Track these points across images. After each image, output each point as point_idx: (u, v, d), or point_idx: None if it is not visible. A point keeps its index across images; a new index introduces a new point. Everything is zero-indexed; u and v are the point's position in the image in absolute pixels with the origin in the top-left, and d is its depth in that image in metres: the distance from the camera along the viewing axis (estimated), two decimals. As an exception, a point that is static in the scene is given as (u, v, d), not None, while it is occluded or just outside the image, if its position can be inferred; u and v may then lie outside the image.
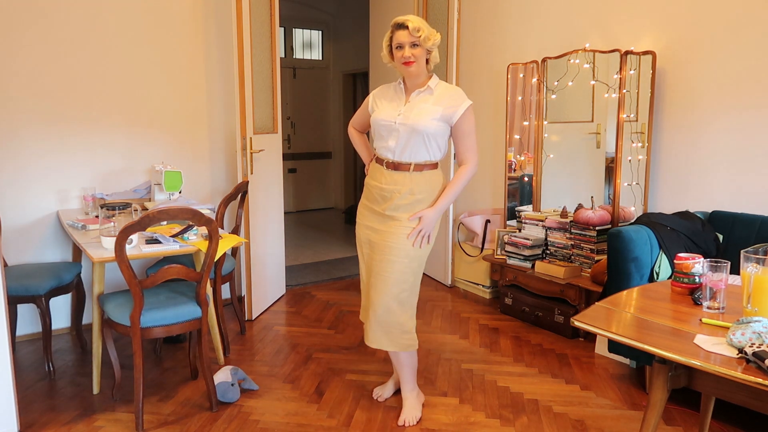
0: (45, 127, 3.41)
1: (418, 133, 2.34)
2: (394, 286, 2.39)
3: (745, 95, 2.94)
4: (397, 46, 2.33)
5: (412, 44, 2.29)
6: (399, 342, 2.44)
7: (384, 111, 2.42)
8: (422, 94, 2.38)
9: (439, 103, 2.35)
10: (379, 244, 2.43)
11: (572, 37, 3.74)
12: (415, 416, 2.53)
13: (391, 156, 2.40)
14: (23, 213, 3.40)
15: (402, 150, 2.37)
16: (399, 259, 2.38)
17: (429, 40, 2.31)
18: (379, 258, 2.42)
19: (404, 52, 2.30)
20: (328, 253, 5.69)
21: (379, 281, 2.40)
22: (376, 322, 2.41)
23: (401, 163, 2.39)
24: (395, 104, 2.42)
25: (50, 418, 2.54)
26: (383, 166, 2.44)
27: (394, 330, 2.42)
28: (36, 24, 3.31)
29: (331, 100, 8.41)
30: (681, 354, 1.50)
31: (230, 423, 2.50)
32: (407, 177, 2.39)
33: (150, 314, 2.44)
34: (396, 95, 2.45)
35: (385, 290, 2.39)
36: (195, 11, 3.82)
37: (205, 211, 2.94)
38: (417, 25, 2.29)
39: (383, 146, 2.42)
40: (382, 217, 2.44)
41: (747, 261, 1.67)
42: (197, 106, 3.91)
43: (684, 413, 2.55)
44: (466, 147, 2.40)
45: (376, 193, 2.45)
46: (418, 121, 2.32)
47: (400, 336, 2.44)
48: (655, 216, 2.92)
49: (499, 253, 3.99)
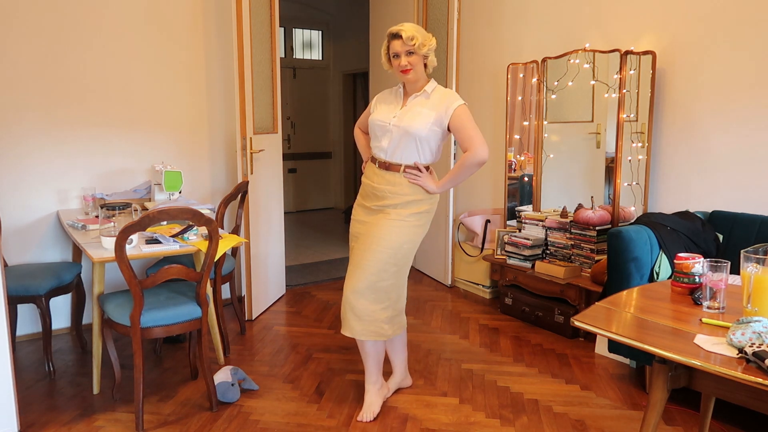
0: (45, 127, 3.41)
1: (411, 136, 2.41)
2: (372, 274, 2.41)
3: (745, 95, 2.93)
4: (393, 55, 2.40)
5: (408, 52, 2.36)
6: (368, 330, 2.45)
7: (381, 112, 2.51)
8: (419, 98, 2.46)
9: (434, 108, 2.42)
10: (364, 234, 2.48)
11: (572, 37, 3.74)
12: (373, 412, 2.55)
13: (384, 156, 2.48)
14: (23, 213, 3.40)
15: (393, 151, 2.45)
16: (381, 249, 2.41)
17: (424, 47, 2.37)
18: (361, 248, 2.45)
19: (400, 61, 2.38)
20: (328, 253, 5.70)
21: (357, 269, 2.42)
22: (350, 309, 2.42)
23: (392, 164, 2.46)
24: (392, 107, 2.51)
25: (50, 418, 2.54)
26: (376, 166, 2.51)
27: (365, 318, 2.43)
28: (36, 24, 3.31)
29: (331, 100, 8.40)
30: (681, 354, 1.50)
31: (230, 423, 2.50)
32: (398, 177, 2.45)
33: (150, 314, 2.44)
34: (395, 99, 2.54)
35: (362, 277, 2.40)
36: (195, 11, 3.82)
37: (205, 211, 2.93)
38: (410, 33, 2.34)
39: (377, 146, 2.51)
40: (371, 211, 2.52)
41: (747, 261, 1.67)
42: (197, 106, 3.91)
43: (684, 413, 2.55)
44: (463, 138, 2.44)
45: (369, 191, 2.54)
46: (411, 124, 2.40)
47: (369, 324, 2.44)
48: (655, 216, 2.92)
49: (499, 253, 3.99)
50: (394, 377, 2.77)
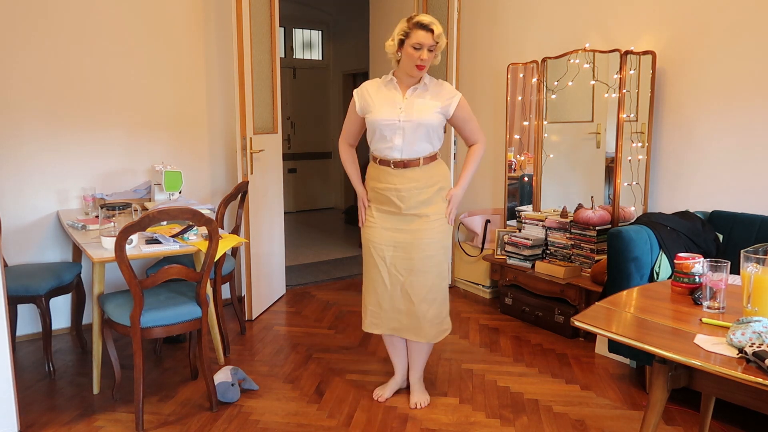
0: (45, 127, 3.41)
1: (424, 128, 2.40)
2: (437, 278, 2.50)
3: (745, 95, 2.93)
4: (416, 46, 2.31)
5: (429, 48, 2.33)
6: (441, 330, 2.57)
7: (383, 111, 2.41)
8: (418, 90, 2.43)
9: (436, 98, 2.43)
10: (413, 243, 2.47)
11: (572, 37, 3.74)
12: (427, 399, 2.66)
13: (399, 155, 2.42)
14: (23, 213, 3.40)
15: (409, 146, 2.41)
16: (436, 253, 2.49)
17: (442, 47, 2.39)
18: (417, 256, 2.47)
19: (422, 54, 2.32)
20: (328, 253, 5.69)
21: (421, 277, 2.48)
22: (424, 319, 2.50)
23: (410, 160, 2.43)
24: (394, 102, 2.42)
25: (50, 418, 2.54)
26: (390, 167, 2.44)
27: (436, 321, 2.52)
28: (36, 24, 3.31)
29: (331, 100, 8.41)
30: (681, 354, 1.50)
31: (230, 423, 2.50)
32: (419, 172, 2.44)
33: (150, 314, 2.44)
34: (390, 93, 2.44)
35: (431, 284, 2.49)
36: (195, 11, 3.82)
37: (205, 211, 2.94)
38: (440, 30, 2.34)
39: (387, 146, 2.42)
40: (404, 216, 2.48)
41: (747, 261, 1.67)
42: (197, 106, 3.91)
43: (684, 413, 2.55)
44: (470, 130, 2.53)
45: (390, 194, 2.46)
46: (422, 116, 2.38)
47: (441, 324, 2.56)
48: (655, 216, 2.92)
49: (499, 253, 3.99)
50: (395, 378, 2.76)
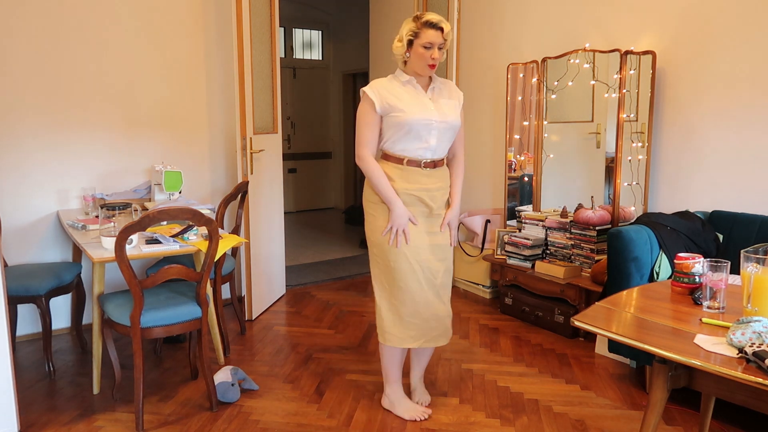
0: (45, 127, 3.41)
1: (453, 129, 2.41)
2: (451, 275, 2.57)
3: (745, 95, 2.93)
4: (426, 46, 2.27)
5: (439, 46, 2.31)
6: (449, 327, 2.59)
7: (416, 110, 2.32)
8: (436, 89, 2.41)
9: (451, 97, 2.44)
10: (441, 246, 2.48)
11: (572, 37, 3.74)
12: (428, 399, 2.69)
13: (431, 155, 2.38)
14: (23, 213, 3.40)
15: (441, 147, 2.41)
16: (451, 253, 2.54)
17: (449, 45, 2.39)
18: (449, 255, 2.52)
19: (433, 53, 2.28)
20: (328, 253, 5.69)
21: (449, 277, 2.53)
22: (449, 318, 2.53)
23: (439, 160, 2.44)
24: (423, 102, 2.34)
25: (50, 418, 2.54)
26: (421, 168, 2.38)
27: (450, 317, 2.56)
28: (35, 23, 3.31)
29: (331, 100, 8.41)
30: (681, 354, 1.50)
31: (230, 423, 2.50)
32: (443, 172, 2.46)
33: (150, 314, 2.44)
34: (416, 93, 2.36)
35: (450, 283, 2.55)
36: (195, 11, 3.82)
37: (205, 211, 2.94)
38: (449, 29, 2.34)
39: (421, 147, 2.35)
40: (433, 217, 2.45)
41: (747, 261, 1.67)
42: (197, 106, 3.91)
43: (684, 413, 2.55)
44: (459, 138, 2.51)
45: (422, 195, 2.38)
46: (451, 116, 2.39)
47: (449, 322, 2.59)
48: (655, 216, 2.92)
49: (499, 253, 3.99)
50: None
